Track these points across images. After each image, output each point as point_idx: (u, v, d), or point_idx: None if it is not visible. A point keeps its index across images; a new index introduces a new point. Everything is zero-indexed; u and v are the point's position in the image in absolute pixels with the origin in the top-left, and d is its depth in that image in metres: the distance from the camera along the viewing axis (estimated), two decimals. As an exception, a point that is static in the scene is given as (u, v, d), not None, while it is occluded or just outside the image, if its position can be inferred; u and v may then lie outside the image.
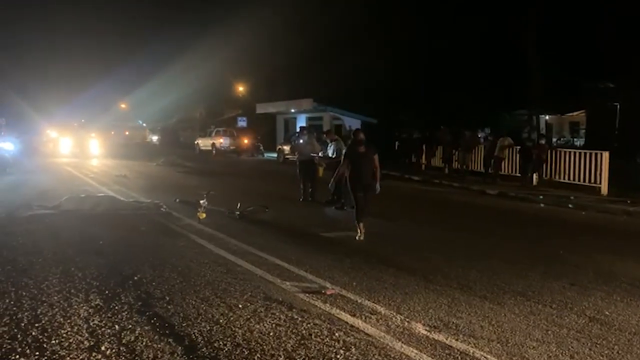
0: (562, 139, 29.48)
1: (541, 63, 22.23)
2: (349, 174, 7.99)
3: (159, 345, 3.95)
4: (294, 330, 4.30)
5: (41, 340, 3.99)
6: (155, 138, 45.56)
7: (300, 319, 4.55)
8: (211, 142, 32.47)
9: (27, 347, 3.86)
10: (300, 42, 31.74)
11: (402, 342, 4.13)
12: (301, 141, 12.36)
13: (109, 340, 4.03)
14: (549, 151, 15.77)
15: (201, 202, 9.33)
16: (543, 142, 16.53)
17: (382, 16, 30.71)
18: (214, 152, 31.66)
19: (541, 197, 13.34)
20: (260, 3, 35.11)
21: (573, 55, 23.32)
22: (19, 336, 4.05)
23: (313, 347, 3.99)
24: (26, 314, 4.52)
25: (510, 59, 23.82)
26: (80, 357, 3.74)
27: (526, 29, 22.03)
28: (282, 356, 3.83)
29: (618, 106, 24.17)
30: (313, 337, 4.18)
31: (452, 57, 26.77)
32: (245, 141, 32.26)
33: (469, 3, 26.41)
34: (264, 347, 3.98)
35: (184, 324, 4.38)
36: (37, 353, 3.78)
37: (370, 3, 29.96)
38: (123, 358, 3.75)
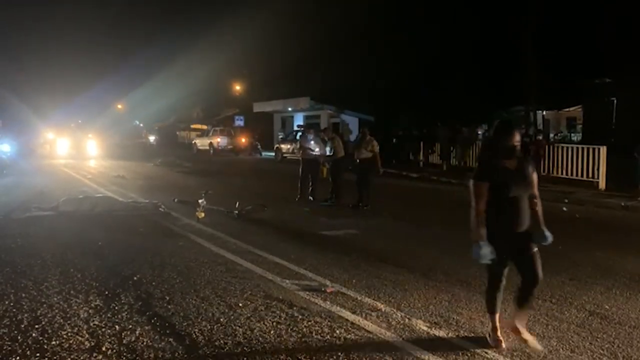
0: (559, 135, 29.56)
1: (539, 61, 22.29)
2: (485, 209, 3.97)
3: (159, 345, 3.95)
4: (294, 328, 4.30)
5: (41, 341, 3.98)
6: (152, 138, 45.57)
7: (300, 317, 4.56)
8: (209, 141, 32.48)
9: (27, 349, 3.85)
10: (298, 41, 31.74)
11: (403, 339, 4.13)
12: (310, 140, 12.32)
13: (109, 340, 4.03)
14: (547, 147, 15.79)
15: (200, 201, 9.32)
16: (540, 137, 16.56)
17: (381, 15, 30.70)
18: (211, 151, 31.64)
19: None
20: (257, 2, 35.11)
21: (571, 53, 23.39)
22: (19, 338, 4.04)
23: (314, 344, 4.00)
24: (26, 315, 4.51)
25: (508, 56, 23.87)
26: (81, 358, 3.74)
27: (526, 28, 22.07)
28: (284, 354, 3.83)
29: (615, 101, 24.22)
30: (314, 334, 4.19)
31: (451, 55, 26.80)
32: (243, 140, 32.26)
33: (468, 3, 26.44)
34: (265, 345, 3.98)
35: (184, 324, 4.37)
36: (38, 354, 3.77)
37: (370, 2, 29.95)
38: (124, 358, 3.75)
